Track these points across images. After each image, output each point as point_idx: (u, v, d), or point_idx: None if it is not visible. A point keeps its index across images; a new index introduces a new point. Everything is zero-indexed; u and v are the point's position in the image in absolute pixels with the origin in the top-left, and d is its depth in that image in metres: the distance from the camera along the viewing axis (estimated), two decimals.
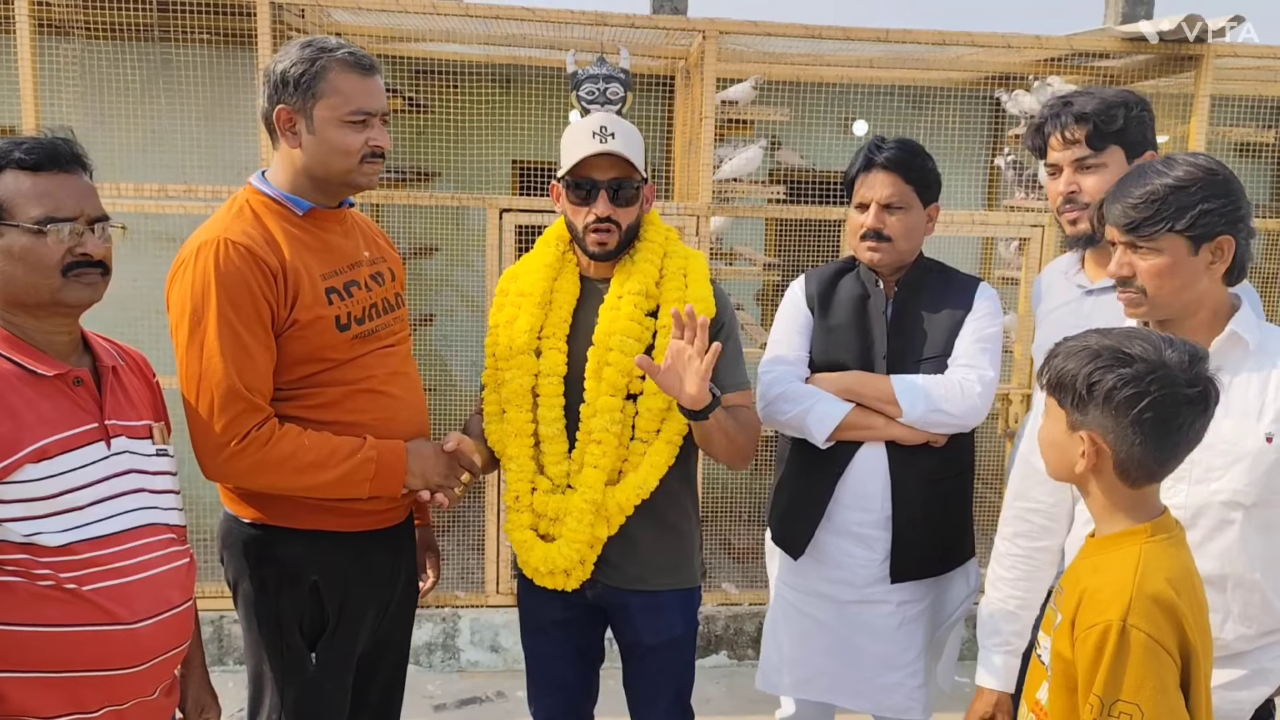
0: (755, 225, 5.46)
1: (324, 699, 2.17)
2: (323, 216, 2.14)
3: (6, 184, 1.65)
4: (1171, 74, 4.39)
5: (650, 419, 2.17)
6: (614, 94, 4.14)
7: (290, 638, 2.13)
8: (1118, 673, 1.44)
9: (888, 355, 2.41)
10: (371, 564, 2.19)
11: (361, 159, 2.09)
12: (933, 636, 2.53)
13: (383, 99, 2.12)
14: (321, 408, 2.08)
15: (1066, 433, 1.57)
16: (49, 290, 1.68)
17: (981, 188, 5.61)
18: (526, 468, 2.22)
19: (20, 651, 1.62)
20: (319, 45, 2.06)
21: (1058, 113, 2.31)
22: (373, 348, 2.15)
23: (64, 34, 4.05)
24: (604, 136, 2.13)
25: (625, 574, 2.24)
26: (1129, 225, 1.80)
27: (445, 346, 5.12)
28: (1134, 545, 1.53)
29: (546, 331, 2.23)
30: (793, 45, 4.50)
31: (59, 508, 1.64)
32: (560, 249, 2.29)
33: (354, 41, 4.69)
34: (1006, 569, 2.09)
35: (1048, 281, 2.57)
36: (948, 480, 2.45)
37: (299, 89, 2.04)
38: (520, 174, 5.41)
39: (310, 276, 2.05)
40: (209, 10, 3.84)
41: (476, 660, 4.29)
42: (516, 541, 2.25)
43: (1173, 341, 1.52)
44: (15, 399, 1.63)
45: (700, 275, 2.24)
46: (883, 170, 2.38)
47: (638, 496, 2.16)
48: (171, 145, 4.43)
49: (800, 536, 2.47)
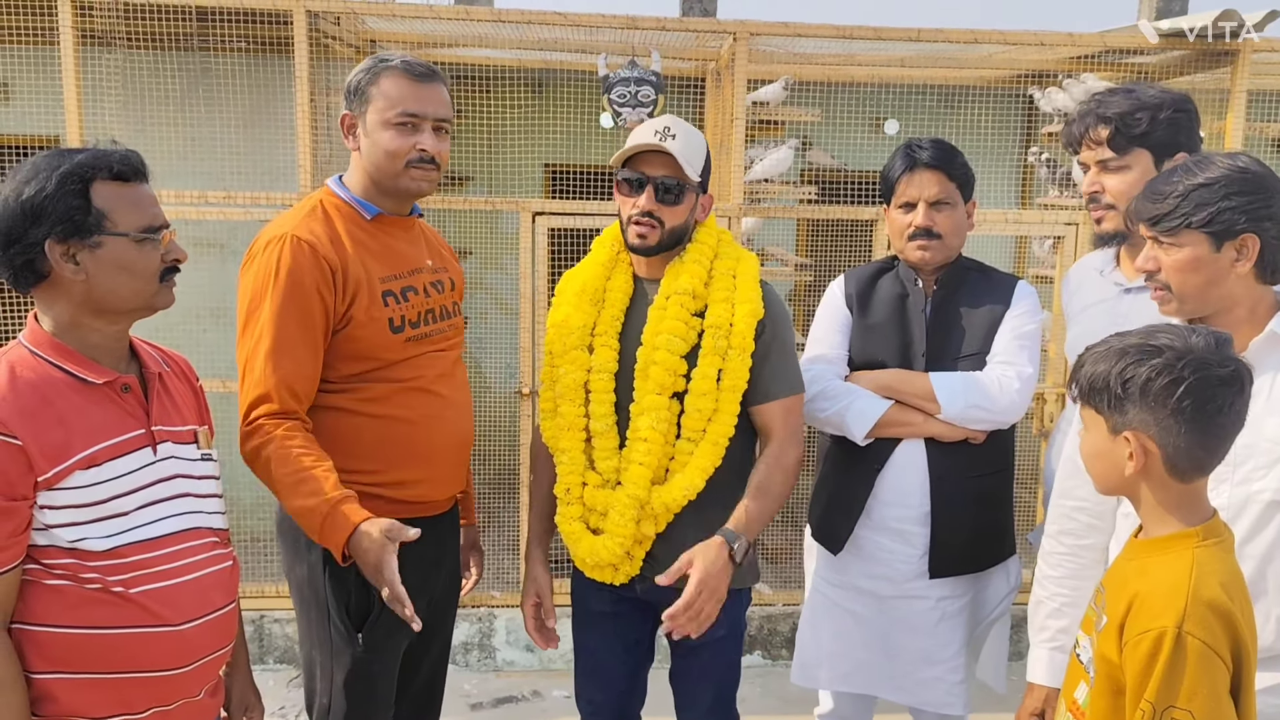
0: (787, 226, 5.45)
1: (371, 681, 2.22)
2: (389, 222, 2.22)
3: (105, 195, 1.67)
4: (1208, 69, 4.34)
5: (697, 419, 2.18)
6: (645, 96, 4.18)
7: (338, 620, 2.19)
8: (1172, 680, 1.42)
9: (926, 353, 2.42)
10: (415, 550, 2.21)
11: (408, 163, 2.13)
12: (973, 633, 2.53)
13: (439, 106, 2.16)
14: (371, 402, 2.15)
15: (1109, 439, 1.55)
16: (147, 296, 1.73)
17: (1015, 186, 5.57)
18: (578, 461, 2.25)
19: (69, 653, 1.65)
20: (381, 57, 2.17)
21: (1086, 113, 2.31)
22: (425, 350, 2.21)
23: (106, 45, 4.12)
24: (665, 135, 2.14)
25: None
26: (1150, 220, 1.81)
27: (479, 349, 5.16)
28: (1186, 549, 1.50)
29: (599, 329, 2.26)
30: (823, 45, 4.48)
31: (106, 513, 1.67)
32: (615, 249, 2.32)
33: (386, 48, 4.76)
34: (1053, 567, 2.09)
35: (1078, 278, 2.55)
36: (986, 477, 2.44)
37: (358, 95, 2.15)
38: (553, 177, 5.44)
39: (369, 279, 2.12)
40: (247, 19, 3.89)
41: (512, 660, 4.31)
42: (565, 533, 2.28)
43: (1195, 329, 1.52)
44: (65, 406, 1.66)
45: (749, 276, 2.24)
46: (927, 169, 2.40)
47: (684, 498, 2.17)
48: (211, 152, 4.49)
49: (840, 532, 2.48)
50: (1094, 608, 1.64)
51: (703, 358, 2.16)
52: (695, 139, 2.19)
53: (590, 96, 4.79)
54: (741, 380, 2.18)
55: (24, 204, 1.63)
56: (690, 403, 2.17)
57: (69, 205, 1.64)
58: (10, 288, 1.71)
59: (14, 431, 1.59)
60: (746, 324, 2.17)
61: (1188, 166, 1.81)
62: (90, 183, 1.66)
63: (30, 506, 1.62)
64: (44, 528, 1.64)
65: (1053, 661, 2.07)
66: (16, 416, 1.60)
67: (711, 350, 2.16)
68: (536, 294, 4.00)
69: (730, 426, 2.19)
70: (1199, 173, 1.78)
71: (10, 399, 1.61)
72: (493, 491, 4.70)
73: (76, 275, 1.67)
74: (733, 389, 2.17)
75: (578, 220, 4.00)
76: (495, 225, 4.96)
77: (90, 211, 1.65)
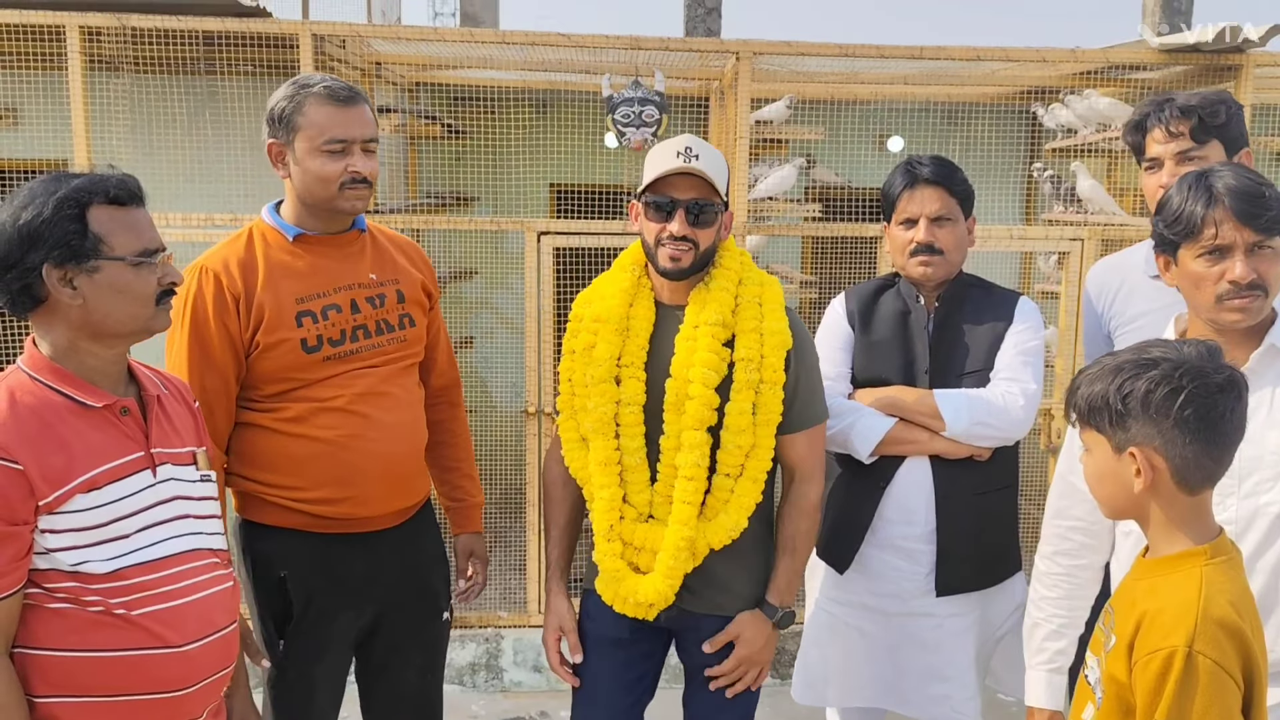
0: (792, 243, 5.46)
1: (288, 684, 2.32)
2: (315, 241, 2.27)
3: (101, 219, 1.68)
4: (1211, 84, 4.34)
5: (735, 454, 2.14)
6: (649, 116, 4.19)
7: (260, 626, 2.31)
8: (1183, 700, 1.40)
9: (930, 370, 2.41)
10: (341, 564, 2.28)
11: (341, 185, 2.19)
12: (981, 650, 2.51)
13: (362, 127, 2.20)
14: (291, 421, 2.20)
15: (1114, 459, 1.53)
16: (144, 319, 1.73)
17: (1019, 202, 5.57)
18: (616, 496, 2.19)
19: (73, 676, 1.65)
20: (301, 82, 2.21)
21: (1162, 106, 2.30)
22: (349, 368, 2.23)
23: (113, 69, 4.16)
24: (688, 156, 2.10)
25: (703, 599, 2.22)
26: (1265, 223, 1.75)
27: (485, 368, 5.16)
28: (1194, 567, 1.49)
29: (625, 360, 2.19)
30: (827, 64, 4.50)
31: (107, 536, 1.68)
32: (635, 274, 2.25)
33: (392, 69, 4.80)
34: (1048, 587, 2.07)
35: (1120, 279, 2.51)
36: (992, 493, 2.43)
37: (282, 124, 2.20)
38: (557, 197, 5.45)
39: (279, 301, 2.18)
40: (253, 44, 3.92)
41: (520, 680, 4.29)
42: (608, 570, 2.21)
43: (1186, 341, 1.53)
44: (65, 430, 1.66)
45: (775, 304, 2.19)
46: (928, 185, 2.40)
47: (730, 538, 2.15)
48: (217, 175, 4.51)
49: (846, 551, 2.46)
50: (1102, 628, 1.62)
51: (736, 392, 2.12)
52: (716, 155, 2.17)
53: (594, 117, 4.81)
54: (776, 414, 2.14)
55: (21, 229, 1.64)
56: (727, 439, 2.13)
57: (65, 230, 1.64)
58: (8, 312, 1.72)
59: (14, 456, 1.60)
60: (777, 355, 2.13)
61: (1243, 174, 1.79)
62: (87, 207, 1.67)
63: (31, 531, 1.62)
64: (45, 551, 1.64)
65: (1051, 683, 2.06)
66: (17, 441, 1.61)
67: (745, 384, 2.11)
68: (542, 313, 4.00)
69: (768, 461, 2.16)
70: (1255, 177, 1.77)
71: (10, 424, 1.62)
72: (499, 511, 4.69)
73: (73, 300, 1.67)
74: (768, 424, 2.14)
75: (583, 239, 4.01)
76: (500, 245, 4.97)
77: (87, 236, 1.66)
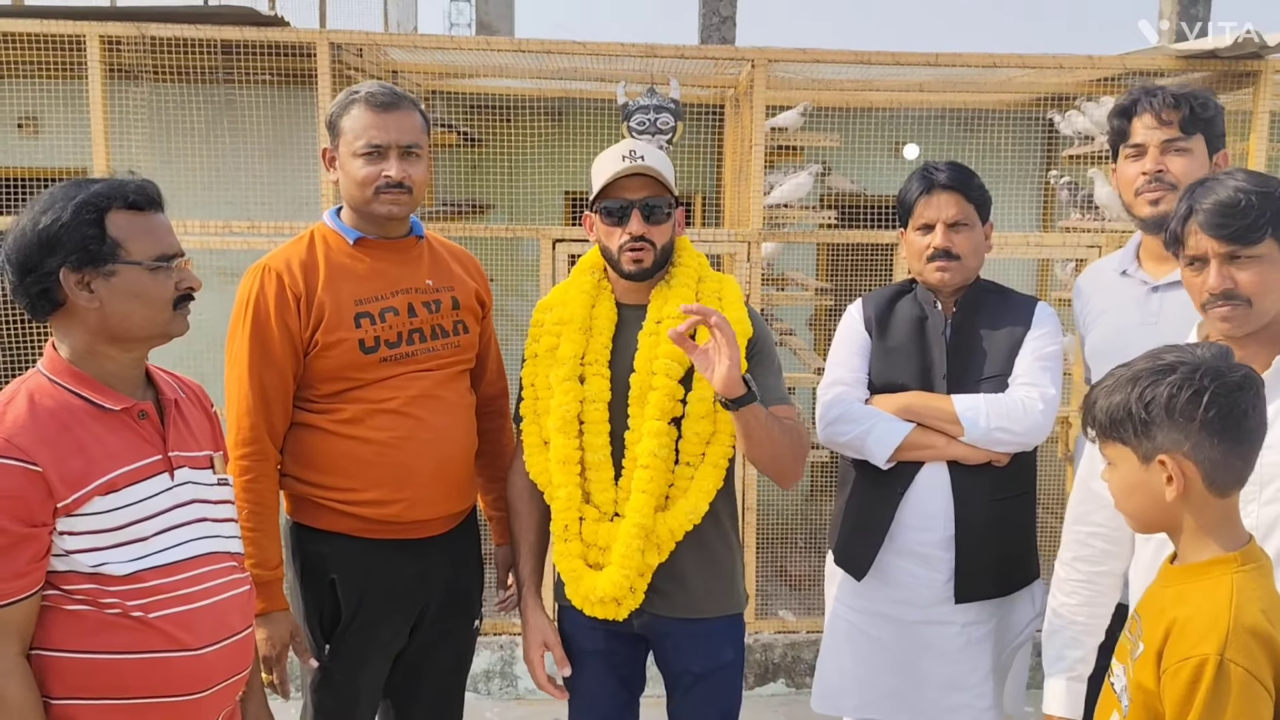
0: (807, 250, 5.45)
1: (332, 688, 2.33)
2: (375, 245, 2.30)
3: (119, 224, 1.69)
4: (1229, 90, 4.32)
5: (695, 443, 2.16)
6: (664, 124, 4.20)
7: (307, 628, 2.31)
8: (1214, 709, 1.38)
9: (948, 375, 2.40)
10: (391, 570, 2.29)
11: (376, 190, 2.21)
12: (999, 659, 2.49)
13: (402, 133, 2.22)
14: (345, 423, 2.23)
15: (1141, 469, 1.51)
16: (161, 324, 1.75)
17: (1036, 209, 5.55)
18: (575, 496, 2.19)
19: (90, 678, 1.66)
20: (352, 90, 2.27)
21: (1153, 93, 2.29)
22: (404, 370, 2.25)
23: (133, 79, 4.20)
24: (634, 157, 2.15)
25: (674, 602, 2.21)
26: (1233, 233, 1.72)
27: None
28: (1224, 574, 1.47)
29: (589, 358, 2.22)
30: (842, 71, 4.50)
31: (125, 538, 1.68)
32: (596, 277, 2.29)
33: (408, 78, 4.82)
34: (1068, 594, 2.05)
35: (1091, 283, 2.53)
36: (1010, 500, 2.42)
37: (332, 129, 2.27)
38: (573, 205, 5.46)
39: (339, 302, 2.21)
40: (271, 52, 3.95)
41: (534, 687, 4.28)
42: (564, 571, 2.22)
43: (1198, 344, 1.53)
44: (84, 434, 1.67)
45: (734, 298, 2.24)
46: (945, 190, 2.40)
47: (689, 522, 2.14)
48: (235, 183, 4.55)
49: (863, 557, 2.45)
50: (1128, 635, 1.61)
51: (698, 381, 2.13)
52: (661, 155, 2.22)
53: (610, 124, 4.83)
54: None
55: (40, 233, 1.66)
56: (688, 426, 2.15)
57: (84, 234, 1.66)
58: (28, 316, 1.73)
59: (34, 458, 1.61)
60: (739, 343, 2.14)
61: (1222, 181, 1.77)
62: (105, 212, 1.68)
63: (50, 533, 1.63)
64: (64, 553, 1.65)
65: (1070, 691, 2.03)
66: (36, 443, 1.62)
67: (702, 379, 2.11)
68: None
69: (729, 448, 2.17)
70: (1241, 182, 1.74)
71: (30, 426, 1.63)
72: None
73: (91, 303, 1.68)
74: None
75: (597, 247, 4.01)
76: (516, 252, 4.98)
77: (105, 241, 1.67)
